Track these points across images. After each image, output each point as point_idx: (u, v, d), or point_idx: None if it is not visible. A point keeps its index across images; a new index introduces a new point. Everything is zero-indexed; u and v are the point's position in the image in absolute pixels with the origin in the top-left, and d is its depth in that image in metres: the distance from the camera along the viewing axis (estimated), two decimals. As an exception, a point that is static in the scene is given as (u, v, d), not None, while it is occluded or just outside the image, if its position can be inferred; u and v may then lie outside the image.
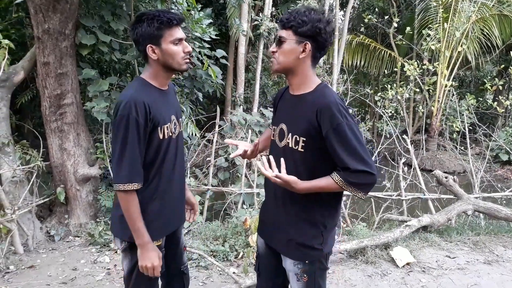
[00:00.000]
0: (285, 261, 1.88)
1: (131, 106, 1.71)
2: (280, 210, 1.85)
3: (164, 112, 1.87)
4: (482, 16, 11.24)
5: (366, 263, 3.81)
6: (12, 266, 3.59)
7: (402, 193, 5.18)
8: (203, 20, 4.71)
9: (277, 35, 1.74)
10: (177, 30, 1.82)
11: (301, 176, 1.71)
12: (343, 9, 14.74)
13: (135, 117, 1.71)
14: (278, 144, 1.84)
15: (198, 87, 5.56)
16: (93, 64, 4.93)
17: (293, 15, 1.69)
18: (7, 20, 5.09)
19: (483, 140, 8.00)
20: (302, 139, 1.71)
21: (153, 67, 1.87)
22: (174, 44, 1.81)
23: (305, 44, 1.69)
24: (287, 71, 1.77)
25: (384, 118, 8.12)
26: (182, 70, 1.89)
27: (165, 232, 2.00)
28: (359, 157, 1.61)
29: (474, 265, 3.85)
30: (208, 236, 4.17)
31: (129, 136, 1.72)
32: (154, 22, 1.76)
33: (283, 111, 1.87)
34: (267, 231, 1.98)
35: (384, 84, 13.42)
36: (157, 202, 1.92)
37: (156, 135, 1.83)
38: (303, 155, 1.73)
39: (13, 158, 4.12)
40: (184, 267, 2.24)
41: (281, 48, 1.72)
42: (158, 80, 1.90)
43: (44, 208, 4.57)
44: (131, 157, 1.74)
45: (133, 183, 1.75)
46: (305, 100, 1.74)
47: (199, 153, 5.76)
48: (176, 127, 1.97)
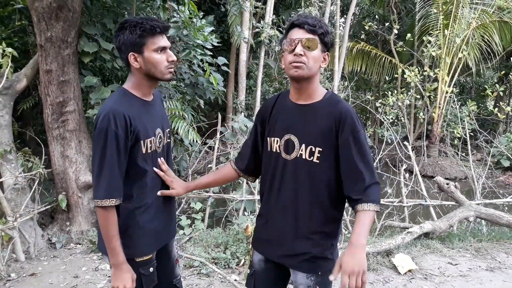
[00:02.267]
0: (295, 275, 1.80)
1: (110, 118, 1.65)
2: (289, 224, 1.76)
3: (147, 125, 1.81)
4: (482, 23, 11.28)
5: (368, 270, 3.79)
6: (14, 274, 3.59)
7: (404, 199, 5.17)
8: (205, 27, 4.74)
9: (305, 38, 1.62)
10: (160, 38, 1.75)
11: (318, 188, 1.70)
12: (343, 16, 14.81)
13: (114, 130, 1.65)
14: (285, 157, 1.74)
15: (200, 94, 5.59)
16: (95, 71, 4.96)
17: (318, 22, 1.63)
18: (10, 28, 5.12)
19: (484, 146, 8.01)
20: (318, 149, 1.66)
21: (136, 76, 1.80)
22: (157, 53, 1.74)
23: (326, 54, 1.69)
24: (309, 78, 1.67)
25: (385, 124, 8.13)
26: (165, 79, 1.82)
27: (157, 246, 1.95)
28: (371, 168, 1.64)
29: (476, 272, 3.84)
30: (210, 243, 4.17)
31: (107, 150, 1.66)
32: (136, 30, 1.70)
33: (288, 121, 1.75)
34: (270, 247, 1.85)
35: (385, 90, 13.44)
36: (147, 215, 1.86)
37: (138, 149, 1.77)
38: (318, 167, 1.68)
39: (15, 165, 4.13)
40: (177, 280, 2.17)
41: (312, 53, 1.62)
42: (141, 90, 1.82)
43: (45, 216, 4.57)
44: (110, 172, 1.68)
45: (111, 199, 1.68)
46: (318, 109, 1.70)
47: (201, 159, 5.77)
48: (161, 140, 1.91)
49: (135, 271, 1.84)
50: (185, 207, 4.93)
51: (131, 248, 1.83)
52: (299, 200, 1.72)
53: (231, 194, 5.29)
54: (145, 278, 1.89)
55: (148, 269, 1.89)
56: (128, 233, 1.82)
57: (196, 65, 5.50)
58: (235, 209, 5.03)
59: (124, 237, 1.81)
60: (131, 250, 1.83)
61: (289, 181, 1.73)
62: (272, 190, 1.81)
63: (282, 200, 1.76)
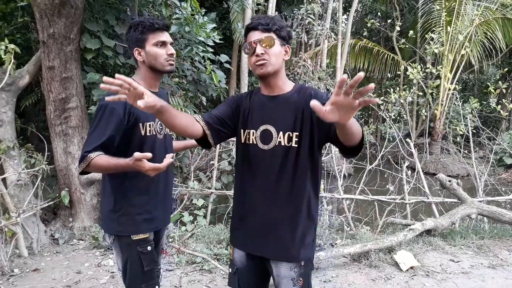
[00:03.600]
0: (278, 268, 1.80)
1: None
2: (271, 212, 1.78)
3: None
4: (485, 20, 11.24)
5: (370, 267, 3.80)
6: (17, 269, 3.61)
7: (406, 196, 5.16)
8: (207, 24, 4.73)
9: (262, 38, 1.72)
10: (160, 34, 1.96)
11: (300, 171, 1.75)
12: (346, 13, 14.76)
13: (113, 106, 1.80)
14: (262, 147, 1.79)
15: (202, 91, 5.59)
16: (98, 68, 4.96)
17: (270, 19, 1.74)
18: (13, 24, 5.13)
19: (487, 144, 7.99)
20: (295, 134, 1.74)
21: (141, 69, 2.00)
22: (158, 47, 1.95)
23: (287, 47, 1.81)
24: (275, 73, 1.78)
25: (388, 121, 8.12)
26: (166, 71, 2.00)
27: (155, 226, 2.07)
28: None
29: (478, 269, 3.84)
30: (212, 239, 4.18)
31: (101, 124, 1.80)
32: (139, 27, 1.93)
33: (263, 113, 1.82)
34: (250, 241, 1.86)
35: (388, 87, 13.42)
36: (144, 197, 2.00)
37: (137, 130, 1.92)
38: (298, 150, 1.74)
39: (18, 161, 4.15)
40: (157, 269, 2.20)
41: (272, 50, 1.73)
42: (146, 82, 2.00)
43: (48, 212, 4.59)
44: (98, 142, 1.78)
45: (85, 156, 1.76)
46: (290, 97, 1.79)
47: (203, 156, 5.76)
48: (162, 128, 2.06)
49: (133, 249, 1.95)
50: (187, 203, 4.94)
51: (128, 225, 1.96)
52: (280, 186, 1.76)
53: (233, 190, 5.29)
54: (144, 256, 1.97)
55: (146, 247, 1.98)
56: (123, 211, 1.96)
57: (198, 62, 5.49)
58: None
59: (121, 215, 1.95)
60: (128, 228, 1.96)
61: (269, 170, 1.77)
62: (254, 181, 1.82)
63: (262, 189, 1.78)
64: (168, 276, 3.57)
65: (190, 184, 5.00)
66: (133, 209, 1.96)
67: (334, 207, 5.91)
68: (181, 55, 4.92)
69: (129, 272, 1.97)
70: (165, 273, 3.61)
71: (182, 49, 4.78)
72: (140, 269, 1.96)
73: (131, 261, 1.97)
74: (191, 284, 3.45)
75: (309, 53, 11.94)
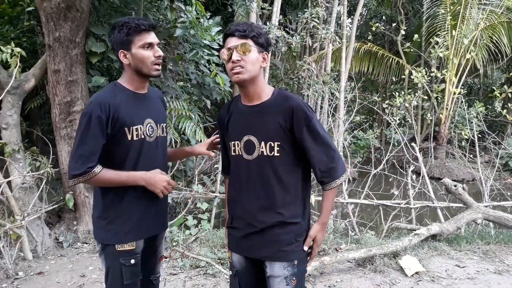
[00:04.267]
0: (272, 268, 1.83)
1: (95, 105, 1.77)
2: (265, 218, 1.81)
3: (135, 114, 1.89)
4: (490, 23, 11.20)
5: (375, 272, 3.78)
6: (21, 272, 3.62)
7: (411, 201, 5.14)
8: (212, 28, 4.75)
9: (241, 43, 1.72)
10: (146, 35, 1.86)
11: (283, 179, 1.79)
12: (350, 17, 14.77)
13: (98, 114, 1.76)
14: (247, 158, 1.82)
15: (206, 94, 5.60)
16: (103, 71, 4.98)
17: (248, 26, 1.74)
18: (19, 28, 5.16)
19: (492, 148, 7.93)
20: (277, 143, 1.76)
21: (127, 72, 1.92)
22: (144, 49, 1.86)
23: (265, 54, 1.80)
24: (252, 80, 1.77)
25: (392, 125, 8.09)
26: (152, 76, 1.92)
27: (141, 235, 1.96)
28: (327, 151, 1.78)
29: (484, 274, 3.80)
30: (216, 243, 4.17)
31: (88, 132, 1.76)
32: (123, 29, 1.83)
33: (244, 124, 1.84)
34: (245, 244, 1.89)
35: (392, 91, 13.38)
36: (134, 204, 1.92)
37: (123, 135, 1.85)
38: (279, 159, 1.77)
39: (23, 164, 4.16)
40: (155, 277, 2.18)
41: (249, 57, 1.72)
42: (133, 84, 1.93)
43: (53, 215, 4.60)
44: (87, 152, 1.76)
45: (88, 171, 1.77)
46: (270, 106, 1.79)
47: (207, 160, 5.76)
48: (153, 131, 1.97)
49: (115, 260, 1.88)
50: (192, 207, 4.93)
51: (113, 234, 1.89)
52: (269, 193, 1.80)
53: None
54: (125, 269, 1.89)
55: (129, 260, 1.90)
56: (109, 218, 1.89)
57: (203, 65, 5.50)
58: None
59: (107, 223, 1.89)
60: (112, 237, 1.89)
61: (255, 179, 1.82)
62: (241, 191, 1.87)
63: (252, 197, 1.83)
64: (172, 280, 3.56)
65: (194, 188, 4.99)
66: (120, 217, 1.89)
67: (339, 212, 5.89)
68: (186, 59, 4.93)
69: (109, 282, 1.92)
70: (169, 277, 3.61)
71: (187, 53, 4.79)
72: (119, 281, 1.88)
73: (112, 272, 1.91)
74: (195, 288, 3.44)
75: (313, 56, 11.93)
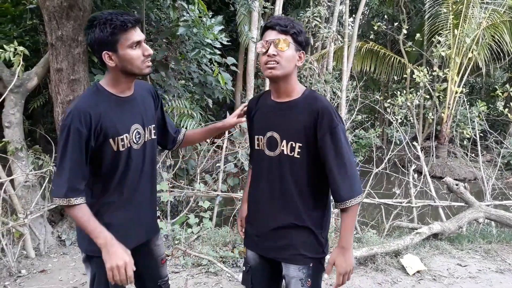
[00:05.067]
0: (287, 268, 1.83)
1: (74, 116, 1.61)
2: (279, 217, 1.80)
3: (120, 123, 1.74)
4: (493, 23, 11.19)
5: (376, 271, 3.79)
6: (24, 270, 3.63)
7: (412, 200, 5.14)
8: (215, 27, 4.75)
9: (277, 39, 1.67)
10: (133, 32, 1.65)
11: (301, 182, 1.75)
12: (352, 16, 14.75)
13: (78, 127, 1.60)
14: (269, 154, 1.79)
15: (208, 93, 5.61)
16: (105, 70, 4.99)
17: (289, 23, 1.69)
18: (22, 27, 5.17)
19: (494, 147, 7.93)
20: (298, 144, 1.71)
21: (112, 73, 1.73)
22: (132, 48, 1.66)
23: (301, 53, 1.74)
24: (284, 77, 1.73)
25: (394, 124, 8.09)
26: (144, 74, 1.75)
27: (128, 246, 1.76)
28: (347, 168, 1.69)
29: (485, 273, 3.81)
30: (218, 242, 4.18)
31: (68, 147, 1.61)
32: (106, 27, 1.60)
33: (269, 119, 1.82)
34: (260, 243, 1.89)
35: (394, 90, 13.39)
36: (120, 213, 1.81)
37: (107, 146, 1.71)
38: (299, 161, 1.73)
39: (26, 163, 4.17)
40: (163, 281, 2.08)
41: (285, 53, 1.68)
42: (118, 87, 1.76)
43: (55, 213, 4.61)
44: (69, 171, 1.63)
45: (69, 198, 1.63)
46: (297, 105, 1.74)
47: (209, 158, 5.78)
48: (140, 137, 1.82)
49: (101, 269, 1.72)
50: (193, 205, 4.95)
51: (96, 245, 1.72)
52: (286, 193, 1.77)
53: (239, 193, 5.30)
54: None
55: None
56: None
57: (205, 64, 5.51)
58: (243, 208, 5.03)
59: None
60: (95, 247, 1.71)
61: (275, 176, 1.78)
62: (260, 186, 1.86)
63: (269, 195, 1.81)
64: (174, 278, 3.57)
65: (196, 186, 5.00)
66: (110, 226, 1.72)
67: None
68: (188, 57, 4.94)
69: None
70: (171, 275, 3.61)
71: (189, 51, 4.80)
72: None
73: (98, 281, 1.81)
74: (197, 287, 3.45)
75: (315, 55, 11.95)
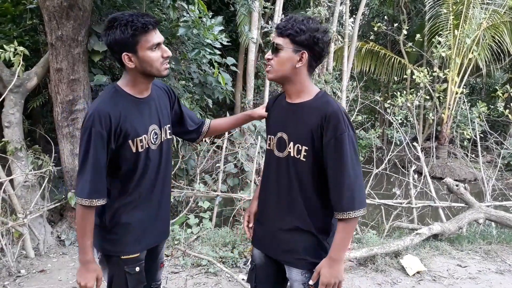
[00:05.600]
0: (290, 271, 1.82)
1: (95, 118, 1.64)
2: (284, 220, 1.79)
3: (138, 124, 1.77)
4: (493, 23, 11.18)
5: (376, 271, 3.78)
6: (23, 270, 3.63)
7: (413, 200, 5.14)
8: (215, 27, 4.75)
9: (273, 42, 1.69)
10: (153, 34, 1.68)
11: (306, 186, 1.72)
12: (353, 16, 14.74)
13: (99, 130, 1.63)
14: (278, 155, 1.78)
15: (208, 93, 5.60)
16: (105, 70, 4.98)
17: (291, 23, 1.64)
18: (22, 27, 5.16)
19: (494, 148, 7.92)
20: (305, 148, 1.68)
21: (131, 74, 1.76)
22: (152, 50, 1.69)
23: (302, 53, 1.66)
24: (284, 80, 1.73)
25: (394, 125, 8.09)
26: (162, 76, 1.77)
27: (144, 246, 1.91)
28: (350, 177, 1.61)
29: (486, 274, 3.80)
30: (217, 242, 4.17)
31: (90, 150, 1.65)
32: (127, 29, 1.62)
33: (281, 120, 1.81)
34: (266, 243, 1.90)
35: (394, 91, 13.38)
36: (138, 213, 1.84)
37: (127, 148, 1.74)
38: (305, 165, 1.70)
39: (25, 163, 4.17)
40: (156, 284, 2.14)
41: (278, 56, 1.68)
42: (136, 88, 1.78)
43: (55, 213, 4.61)
44: (94, 171, 1.66)
45: (96, 199, 1.68)
46: (307, 108, 1.71)
47: (209, 159, 5.77)
48: (157, 137, 1.85)
49: (120, 268, 1.83)
50: (193, 206, 4.94)
51: (117, 245, 1.83)
52: (291, 196, 1.75)
53: (239, 193, 5.30)
54: (130, 277, 1.85)
55: (134, 268, 1.85)
56: (114, 230, 1.82)
57: (205, 64, 5.50)
58: (243, 208, 5.03)
59: (110, 233, 1.82)
60: (116, 247, 1.83)
61: (282, 177, 1.76)
62: (268, 187, 1.86)
63: (276, 196, 1.80)
64: (173, 278, 3.57)
65: (196, 187, 5.00)
66: (124, 227, 1.81)
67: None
68: (188, 58, 4.93)
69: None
70: (170, 275, 3.61)
71: (189, 52, 4.79)
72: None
73: (117, 280, 1.87)
74: (196, 287, 3.45)
75: (315, 56, 11.92)
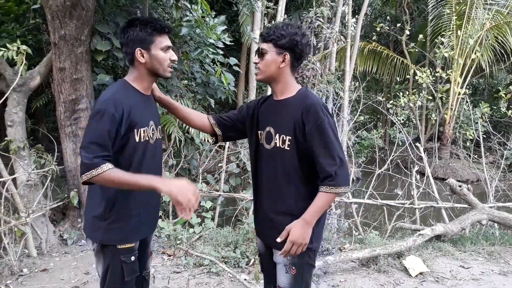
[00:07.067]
0: (275, 254, 1.99)
1: (110, 103, 1.74)
2: (272, 206, 1.97)
3: (143, 116, 1.91)
4: (496, 24, 11.14)
5: (379, 272, 3.77)
6: (26, 269, 3.63)
7: (415, 201, 5.12)
8: (218, 26, 4.74)
9: (258, 47, 1.93)
10: (167, 38, 1.92)
11: (291, 173, 1.90)
12: (355, 16, 14.73)
13: (113, 112, 1.73)
14: (266, 147, 1.98)
15: (211, 93, 5.60)
16: (108, 69, 4.99)
17: (272, 29, 1.89)
18: (25, 26, 5.16)
19: (497, 149, 7.90)
20: (288, 137, 1.88)
21: (139, 70, 1.92)
22: (163, 51, 1.89)
23: (284, 55, 1.90)
24: (270, 79, 1.96)
25: (397, 125, 8.07)
26: (166, 77, 1.95)
27: (139, 236, 2.01)
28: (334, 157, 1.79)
29: (489, 275, 3.79)
30: (220, 242, 4.17)
31: (100, 125, 1.71)
32: (147, 28, 1.85)
33: (268, 116, 2.02)
34: (261, 229, 2.11)
35: (397, 91, 13.34)
36: (135, 204, 1.93)
37: (132, 136, 1.84)
38: (289, 153, 1.89)
39: (28, 162, 4.18)
40: (146, 272, 2.22)
41: (264, 59, 1.91)
42: (142, 84, 1.94)
43: (57, 212, 4.61)
44: (98, 144, 1.69)
45: (97, 165, 1.66)
46: (290, 103, 1.93)
47: (211, 158, 5.77)
48: (154, 133, 2.00)
49: (116, 258, 1.91)
50: (195, 205, 4.94)
51: (116, 234, 1.90)
52: (278, 183, 1.93)
53: (241, 193, 5.29)
54: (126, 266, 1.93)
55: (130, 257, 1.94)
56: (113, 219, 1.89)
57: (208, 64, 5.50)
58: (245, 208, 5.02)
59: (109, 223, 1.88)
60: (115, 236, 1.90)
61: (270, 168, 1.96)
62: (258, 178, 2.05)
63: (266, 185, 2.00)
64: (175, 278, 3.57)
65: (198, 186, 5.00)
66: (123, 216, 1.90)
67: (343, 211, 5.89)
68: (191, 57, 4.93)
69: (108, 280, 1.93)
70: (172, 275, 3.61)
71: (192, 51, 4.79)
72: (120, 278, 1.92)
73: (113, 270, 1.92)
74: (198, 287, 3.44)
75: (317, 56, 11.90)
